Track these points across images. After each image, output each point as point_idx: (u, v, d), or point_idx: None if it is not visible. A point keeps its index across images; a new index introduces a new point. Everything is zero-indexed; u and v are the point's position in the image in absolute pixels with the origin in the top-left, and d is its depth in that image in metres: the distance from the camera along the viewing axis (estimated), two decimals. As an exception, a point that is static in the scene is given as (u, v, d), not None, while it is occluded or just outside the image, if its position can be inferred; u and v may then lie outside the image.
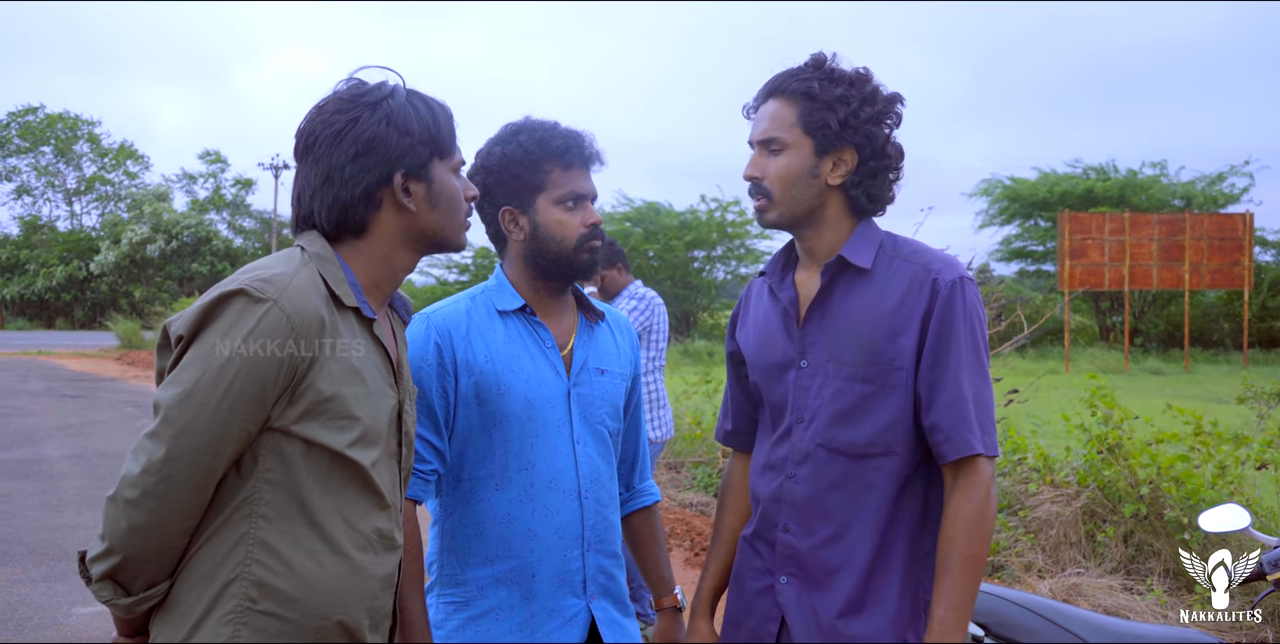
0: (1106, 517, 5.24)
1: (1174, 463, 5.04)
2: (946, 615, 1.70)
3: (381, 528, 1.58)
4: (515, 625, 1.95)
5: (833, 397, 1.83)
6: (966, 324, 1.78)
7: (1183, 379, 18.45)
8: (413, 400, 1.73)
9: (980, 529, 1.72)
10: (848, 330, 1.83)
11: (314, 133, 1.58)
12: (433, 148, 1.61)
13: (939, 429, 1.76)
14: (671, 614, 2.18)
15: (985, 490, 1.73)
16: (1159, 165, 27.58)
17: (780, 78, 1.88)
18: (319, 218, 1.60)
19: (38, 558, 5.92)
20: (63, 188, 46.80)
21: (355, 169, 1.56)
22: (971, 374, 1.77)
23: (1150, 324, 26.43)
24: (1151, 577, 4.88)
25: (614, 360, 2.13)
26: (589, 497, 2.01)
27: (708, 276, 26.18)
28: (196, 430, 1.40)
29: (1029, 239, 29.70)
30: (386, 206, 1.60)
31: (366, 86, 1.60)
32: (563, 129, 2.03)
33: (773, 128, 1.85)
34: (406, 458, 1.69)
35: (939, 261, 1.83)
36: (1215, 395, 13.62)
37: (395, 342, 1.70)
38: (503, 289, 2.06)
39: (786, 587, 1.87)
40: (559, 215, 2.00)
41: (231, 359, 1.41)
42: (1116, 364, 21.02)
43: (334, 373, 1.50)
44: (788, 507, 1.87)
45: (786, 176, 1.84)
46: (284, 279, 1.47)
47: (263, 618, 1.45)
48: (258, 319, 1.42)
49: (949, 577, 1.71)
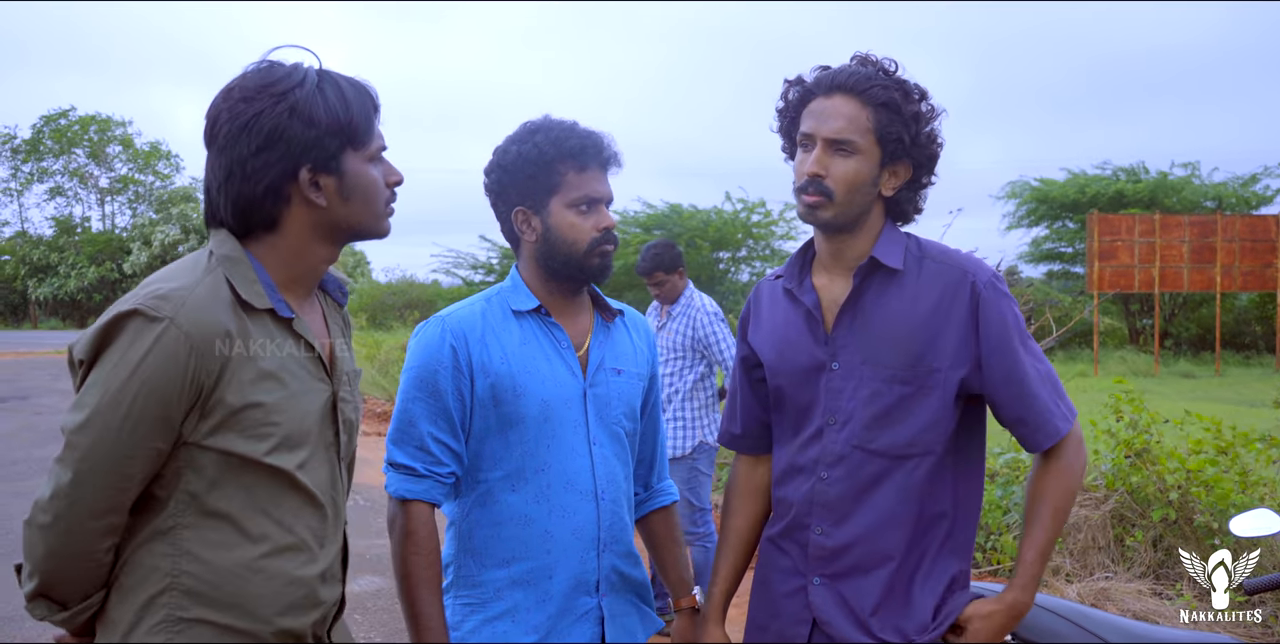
0: (1135, 521, 5.18)
1: (1203, 467, 4.98)
2: (1035, 560, 1.80)
3: (314, 526, 1.57)
4: (532, 626, 1.95)
5: (869, 398, 1.84)
6: (1013, 318, 1.83)
7: (1214, 382, 18.22)
8: (354, 384, 1.70)
9: (1072, 487, 1.84)
10: (883, 332, 1.84)
11: (218, 121, 1.51)
12: (343, 138, 1.52)
13: (1024, 423, 1.84)
14: (690, 615, 2.17)
15: (1075, 452, 1.85)
16: (1191, 166, 27.27)
17: (856, 76, 1.83)
18: (224, 212, 1.54)
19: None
20: (95, 188, 47.35)
21: (258, 163, 1.49)
22: (1033, 360, 1.84)
23: (1181, 327, 26.11)
24: (1181, 582, 4.82)
25: (630, 360, 2.12)
26: (605, 497, 2.01)
27: (733, 278, 26.14)
28: (100, 455, 1.40)
29: (1058, 241, 29.44)
30: (296, 201, 1.53)
31: (276, 73, 1.51)
32: (580, 130, 2.01)
33: (849, 129, 1.82)
34: (347, 445, 1.67)
35: (970, 263, 1.87)
36: (1247, 398, 13.44)
37: (327, 327, 1.67)
38: (518, 290, 2.06)
39: (820, 588, 1.87)
40: (571, 218, 1.98)
41: (129, 382, 1.39)
42: (1147, 367, 20.79)
43: (244, 383, 1.46)
44: (820, 508, 1.88)
45: (854, 181, 1.83)
46: (182, 294, 1.43)
47: (196, 626, 1.46)
48: (154, 339, 1.39)
49: (1040, 526, 1.81)
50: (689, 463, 4.71)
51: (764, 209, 25.54)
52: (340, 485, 1.66)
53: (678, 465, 4.70)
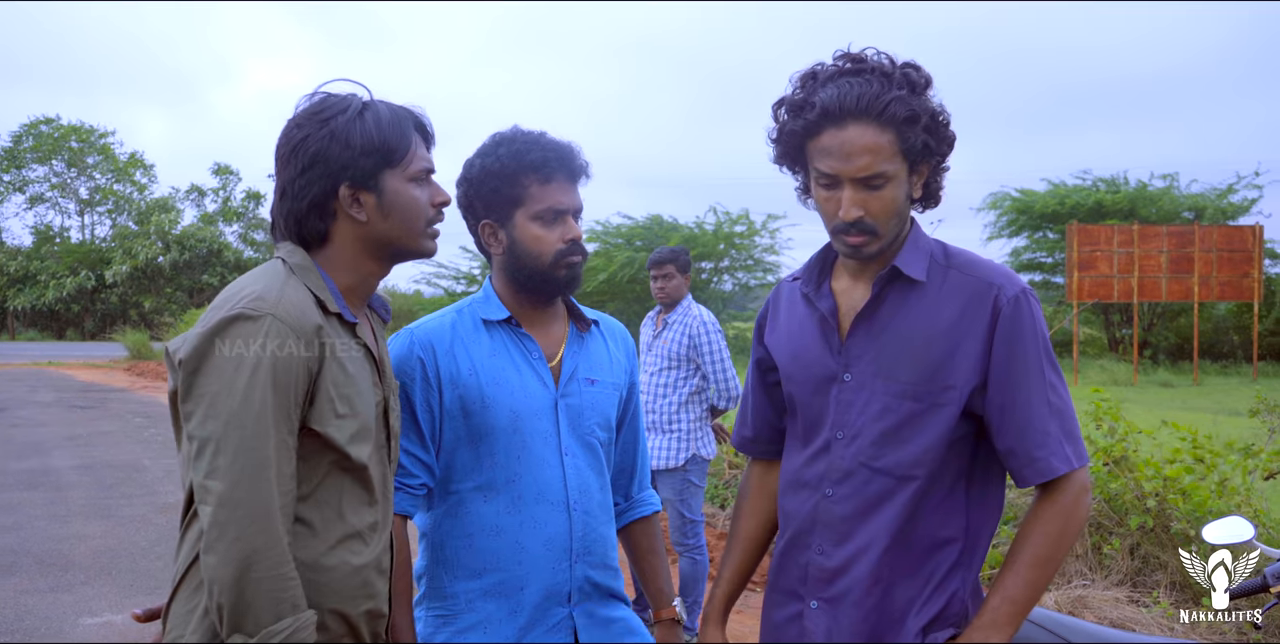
0: (1113, 529, 5.21)
1: (1179, 475, 5.02)
2: (1000, 607, 1.66)
3: (371, 522, 1.65)
4: (504, 638, 1.94)
5: (879, 414, 1.75)
6: (1035, 340, 1.70)
7: (1192, 391, 18.36)
8: (396, 396, 1.80)
9: (1061, 536, 1.68)
10: (899, 345, 1.74)
11: (278, 148, 1.67)
12: (379, 158, 1.65)
13: (1014, 455, 1.70)
14: (670, 626, 2.16)
15: (1073, 500, 1.68)
16: (1169, 178, 27.52)
17: (865, 98, 1.65)
18: (281, 227, 1.69)
19: (45, 568, 5.93)
20: (74, 198, 47.04)
21: (303, 183, 1.64)
22: (1048, 391, 1.70)
23: (1160, 336, 26.30)
24: (1158, 589, 4.85)
25: (606, 370, 2.11)
26: (577, 508, 2.00)
27: (715, 287, 26.20)
28: (246, 453, 1.44)
29: (1038, 251, 29.63)
30: (341, 217, 1.67)
31: (325, 103, 1.66)
32: (546, 141, 2.00)
33: (877, 163, 1.65)
34: (394, 451, 1.76)
35: (999, 276, 1.74)
36: (1226, 407, 13.53)
37: (376, 341, 1.76)
38: (489, 300, 2.06)
39: (816, 613, 1.81)
40: (535, 231, 1.98)
41: (254, 378, 1.46)
42: (1126, 376, 20.92)
43: (335, 373, 1.58)
44: (823, 527, 1.80)
45: (894, 210, 1.71)
46: (274, 294, 1.54)
47: None
48: (264, 335, 1.49)
49: (1013, 572, 1.67)
50: (681, 474, 4.69)
51: (748, 220, 25.64)
52: (389, 486, 1.74)
53: (670, 477, 4.69)
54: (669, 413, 4.71)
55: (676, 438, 4.68)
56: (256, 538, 1.42)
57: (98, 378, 20.91)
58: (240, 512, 1.42)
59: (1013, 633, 1.65)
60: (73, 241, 45.44)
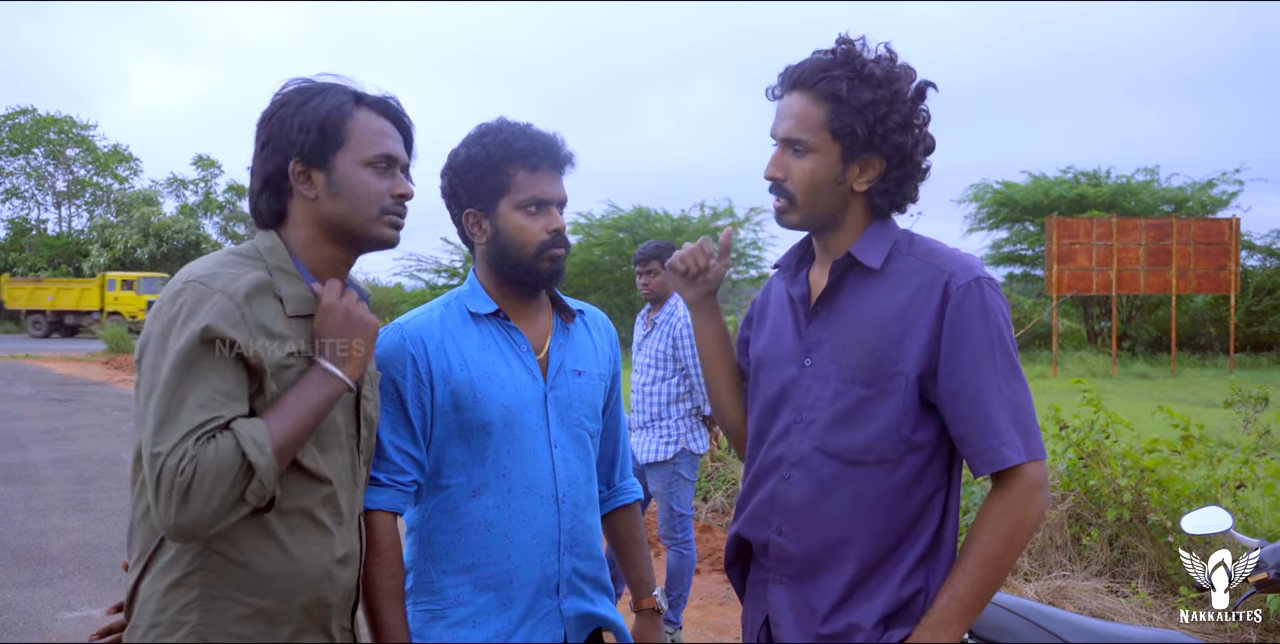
0: (1091, 520, 5.26)
1: (1155, 466, 5.07)
2: (948, 605, 1.65)
3: (332, 512, 1.68)
4: (494, 631, 1.94)
5: (832, 398, 1.77)
6: (985, 328, 1.69)
7: (1170, 383, 18.52)
8: (374, 385, 1.82)
9: (1012, 534, 1.65)
10: (851, 331, 1.77)
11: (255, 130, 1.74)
12: (327, 137, 1.68)
13: (966, 442, 1.70)
14: (650, 615, 2.17)
15: (1025, 497, 1.66)
16: (1151, 171, 27.71)
17: (807, 70, 1.76)
18: (250, 208, 1.77)
19: (22, 562, 5.89)
20: (52, 190, 46.59)
21: (261, 160, 1.71)
22: (999, 380, 1.68)
23: (1138, 328, 26.50)
24: (1136, 579, 4.90)
25: (591, 360, 2.11)
26: (566, 501, 2.00)
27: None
28: (169, 388, 1.52)
29: (1018, 243, 29.78)
30: (295, 196, 1.71)
31: (298, 89, 1.72)
32: (532, 131, 1.99)
33: (798, 128, 1.75)
34: (366, 440, 1.78)
35: (954, 263, 1.75)
36: (1202, 399, 13.67)
37: None
38: (475, 293, 2.05)
39: (779, 589, 1.84)
40: (520, 220, 1.97)
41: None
42: (1104, 368, 21.08)
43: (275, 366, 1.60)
44: (781, 509, 1.83)
45: (811, 182, 1.77)
46: (224, 280, 1.59)
47: (225, 603, 1.57)
48: (209, 306, 1.53)
49: (961, 570, 1.66)
50: (670, 467, 4.70)
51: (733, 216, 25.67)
52: (358, 476, 1.77)
53: (659, 469, 4.70)
54: (659, 407, 4.72)
55: (664, 435, 4.70)
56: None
57: (75, 371, 20.74)
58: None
59: (961, 631, 1.65)
60: (49, 234, 45.02)
